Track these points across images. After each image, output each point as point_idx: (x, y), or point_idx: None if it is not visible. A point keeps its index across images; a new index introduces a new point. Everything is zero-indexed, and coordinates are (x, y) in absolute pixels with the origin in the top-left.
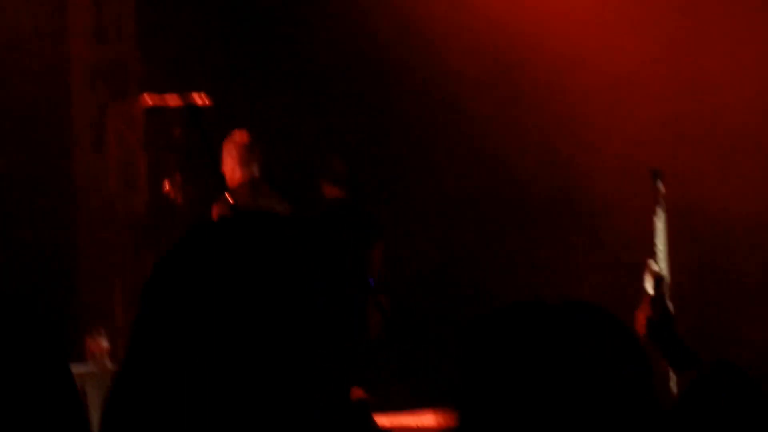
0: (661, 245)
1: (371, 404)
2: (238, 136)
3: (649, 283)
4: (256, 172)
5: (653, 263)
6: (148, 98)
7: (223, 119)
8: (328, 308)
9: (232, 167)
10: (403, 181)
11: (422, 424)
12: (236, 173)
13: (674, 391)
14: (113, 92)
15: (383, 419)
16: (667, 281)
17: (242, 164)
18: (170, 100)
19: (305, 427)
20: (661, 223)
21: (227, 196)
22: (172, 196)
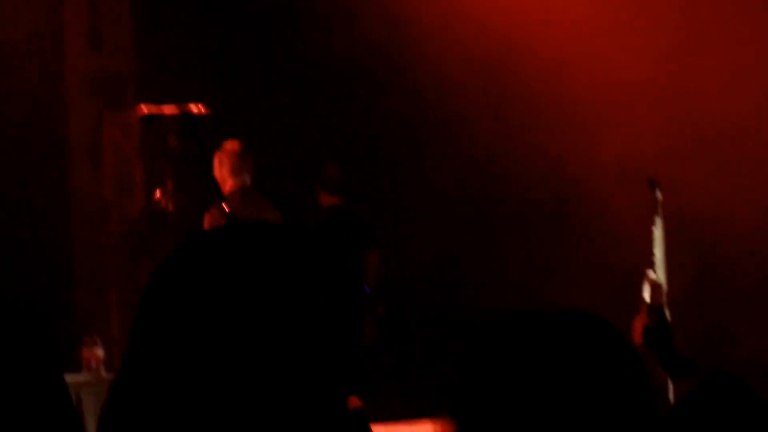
0: (658, 253)
1: (367, 413)
2: (229, 145)
3: (646, 291)
4: (247, 180)
5: (650, 271)
6: (143, 107)
7: (219, 128)
8: (326, 314)
9: (223, 176)
10: (398, 188)
11: None
12: (227, 182)
13: (671, 399)
14: (109, 101)
15: (380, 429)
16: (664, 289)
17: (233, 173)
18: (166, 108)
19: None
20: (658, 231)
21: (223, 204)
22: (162, 204)
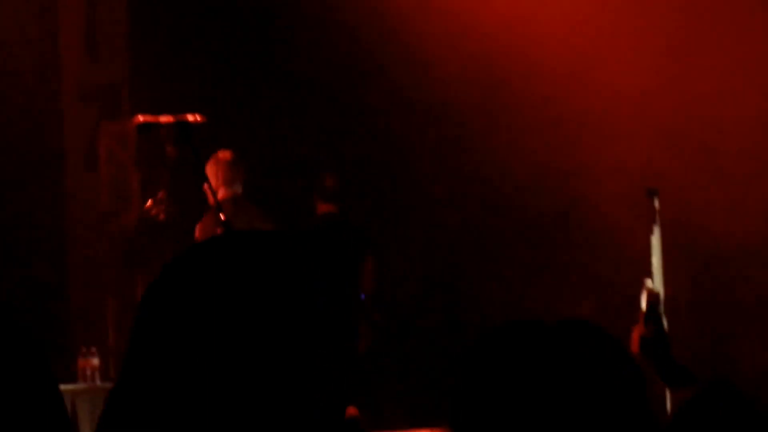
0: (656, 262)
1: (364, 422)
2: (221, 154)
3: (643, 300)
4: (238, 189)
5: (648, 281)
6: (140, 116)
7: (215, 137)
8: (324, 322)
9: (215, 185)
10: (395, 198)
11: None
12: (219, 191)
13: (669, 409)
14: (105, 110)
15: None
16: (661, 298)
17: (225, 182)
18: (162, 117)
19: None
20: (656, 240)
21: (220, 214)
22: (153, 213)
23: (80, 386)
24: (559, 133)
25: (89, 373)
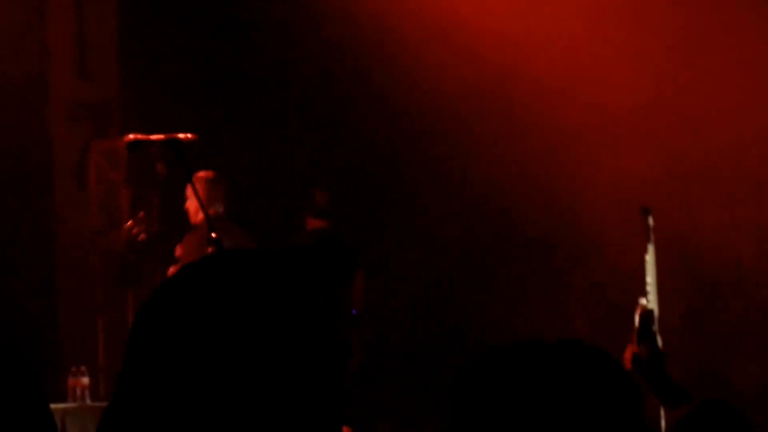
0: (650, 280)
1: None
2: (202, 173)
3: (637, 318)
4: (220, 209)
5: (643, 299)
6: (130, 134)
7: (205, 155)
8: (317, 340)
9: (197, 205)
10: (393, 218)
11: None
12: (200, 210)
13: (663, 427)
14: (94, 128)
15: None
16: (656, 316)
17: (207, 201)
18: (153, 136)
19: None
20: (650, 258)
21: (212, 233)
22: (134, 232)
23: (70, 405)
24: (554, 150)
25: (79, 392)
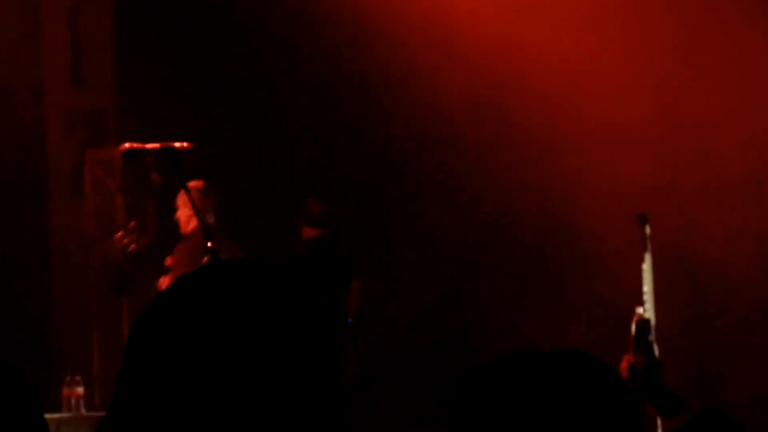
0: (647, 289)
1: None
2: (192, 184)
3: (634, 327)
4: (210, 219)
5: (639, 308)
6: (126, 143)
7: (202, 164)
8: (314, 349)
9: (188, 215)
10: (391, 226)
11: None
12: (192, 220)
13: None
14: (90, 137)
15: None
16: (653, 325)
17: (197, 212)
18: (149, 144)
19: None
20: (647, 267)
21: (208, 243)
22: (125, 242)
23: (65, 415)
24: (551, 157)
25: (74, 401)
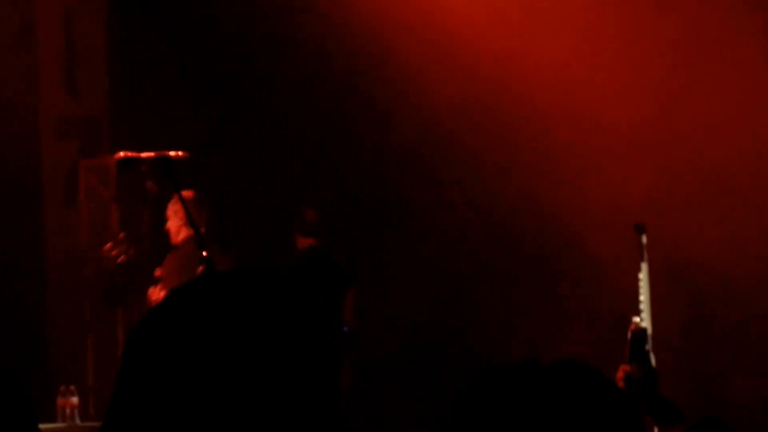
0: (644, 299)
1: None
2: (183, 193)
3: (630, 337)
4: (201, 229)
5: (636, 318)
6: (121, 152)
7: (197, 173)
8: (310, 360)
9: (178, 225)
10: (385, 235)
11: None
12: (182, 230)
13: None
14: (84, 145)
15: None
16: (650, 334)
17: (187, 222)
18: (144, 153)
19: None
20: (644, 276)
21: (203, 252)
22: (113, 254)
23: (59, 425)
24: (549, 165)
25: (68, 411)
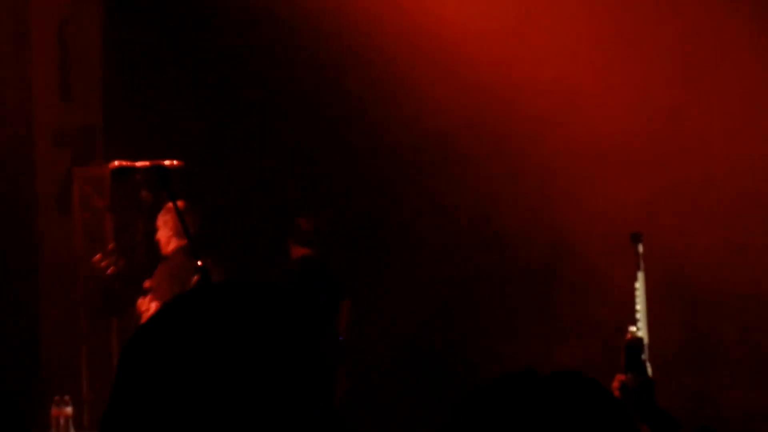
0: (641, 308)
1: None
2: (172, 204)
3: (626, 347)
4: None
5: (633, 327)
6: (115, 161)
7: (192, 182)
8: (305, 372)
9: (167, 235)
10: (381, 245)
11: None
12: (172, 241)
13: None
14: (78, 154)
15: None
16: (646, 344)
17: (177, 232)
18: (139, 162)
19: None
20: (640, 286)
21: (198, 261)
22: (103, 266)
23: None
24: (545, 176)
25: (63, 422)
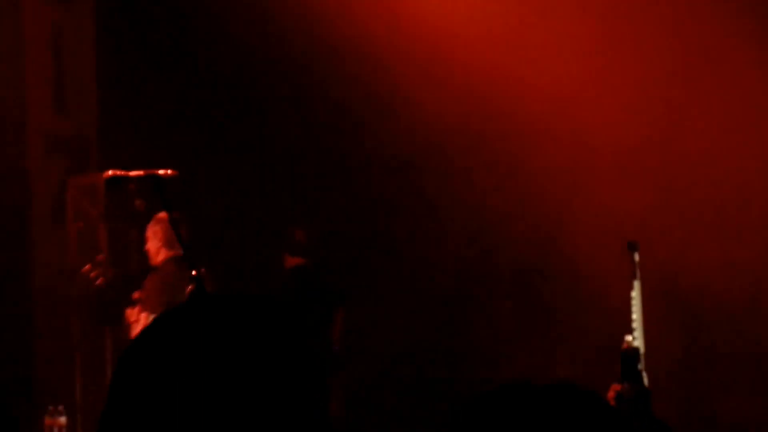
0: (637, 317)
1: None
2: (162, 214)
3: (622, 356)
4: (180, 250)
5: (629, 337)
6: (109, 170)
7: (186, 192)
8: (299, 383)
9: (157, 246)
10: (375, 253)
11: None
12: (161, 251)
13: None
14: (72, 163)
15: None
16: (642, 353)
17: (167, 244)
18: (133, 171)
19: None
20: (636, 294)
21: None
22: (92, 276)
23: None
24: (541, 185)
25: (56, 431)
